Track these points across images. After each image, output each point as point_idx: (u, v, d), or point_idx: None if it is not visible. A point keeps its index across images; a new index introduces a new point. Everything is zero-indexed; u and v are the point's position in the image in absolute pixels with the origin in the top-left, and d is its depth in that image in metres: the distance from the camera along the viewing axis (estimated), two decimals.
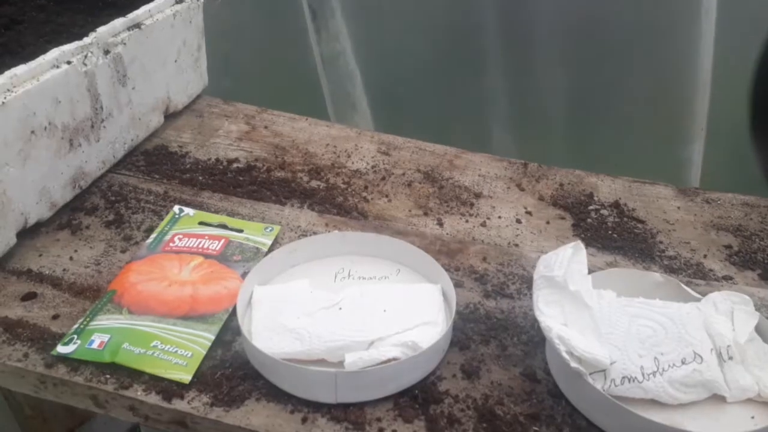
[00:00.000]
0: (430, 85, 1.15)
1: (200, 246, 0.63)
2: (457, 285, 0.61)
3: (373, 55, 1.16)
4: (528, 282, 0.62)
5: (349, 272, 0.61)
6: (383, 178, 0.80)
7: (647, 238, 0.72)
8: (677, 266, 0.67)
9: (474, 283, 0.62)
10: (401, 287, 0.56)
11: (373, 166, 0.83)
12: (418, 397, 0.49)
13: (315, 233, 0.68)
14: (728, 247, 0.72)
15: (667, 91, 1.09)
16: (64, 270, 0.60)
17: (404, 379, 0.48)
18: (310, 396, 0.48)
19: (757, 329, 0.52)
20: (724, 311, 0.52)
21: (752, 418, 0.46)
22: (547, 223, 0.74)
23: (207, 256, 0.61)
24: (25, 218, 0.61)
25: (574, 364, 0.45)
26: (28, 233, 0.63)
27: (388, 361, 0.48)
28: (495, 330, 0.56)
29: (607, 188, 0.83)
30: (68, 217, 0.67)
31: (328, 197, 0.75)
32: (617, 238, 0.72)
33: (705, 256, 0.70)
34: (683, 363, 0.46)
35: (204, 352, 0.51)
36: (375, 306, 0.53)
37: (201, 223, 0.66)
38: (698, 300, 0.54)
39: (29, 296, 0.57)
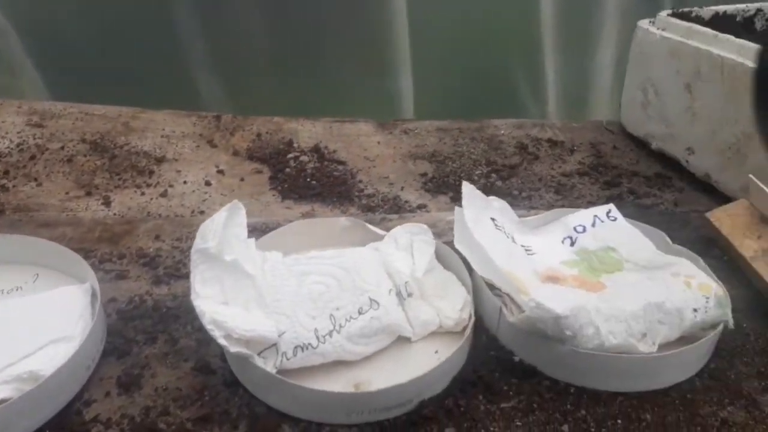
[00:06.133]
0: (110, 37, 0.97)
1: None
2: (120, 277, 0.50)
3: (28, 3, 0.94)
4: None
5: None
6: (32, 158, 0.64)
7: (347, 180, 0.69)
8: (375, 203, 0.65)
9: (142, 270, 0.51)
10: (24, 300, 0.43)
11: (18, 144, 0.66)
12: None
13: None
14: (424, 175, 0.71)
15: (368, 25, 1.07)
16: None
17: (31, 420, 0.37)
18: None
19: (438, 256, 0.50)
20: (404, 245, 0.49)
21: (436, 352, 0.44)
22: (242, 180, 0.66)
23: None
24: None
25: (234, 349, 0.38)
26: None
27: None
28: (164, 322, 0.46)
29: (307, 133, 0.77)
30: None
31: None
32: (316, 184, 0.67)
33: (402, 189, 0.68)
34: (360, 313, 0.42)
35: None
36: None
37: None
38: (382, 238, 0.51)
39: None
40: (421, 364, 0.42)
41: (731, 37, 0.67)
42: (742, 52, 0.65)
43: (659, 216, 0.65)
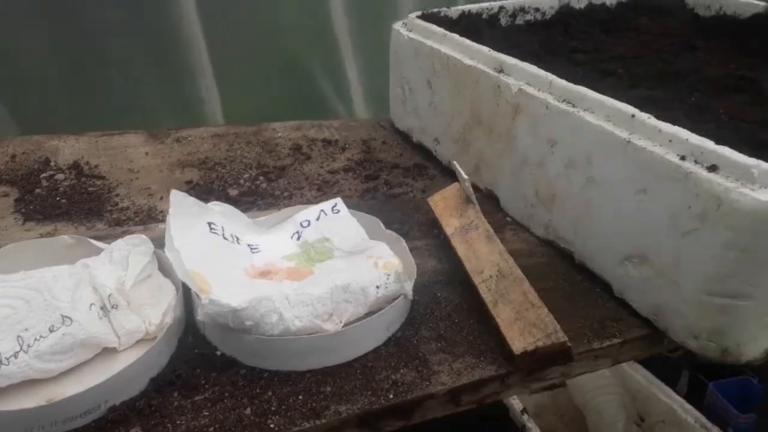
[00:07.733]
0: None
1: None
2: None
3: None
4: None
5: None
6: None
7: (102, 195, 0.69)
8: (126, 216, 0.65)
9: None
10: None
11: None
12: None
13: None
14: (189, 182, 0.73)
15: (158, 30, 1.05)
16: None
17: None
18: None
19: (161, 265, 0.53)
20: (119, 258, 0.51)
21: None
22: None
23: None
24: None
25: None
26: None
27: None
28: None
29: (69, 149, 0.76)
30: None
31: None
32: (65, 203, 0.66)
33: (162, 198, 0.69)
34: (51, 331, 0.44)
35: None
36: None
37: None
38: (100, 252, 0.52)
39: None
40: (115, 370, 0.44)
41: (456, 36, 0.74)
42: (462, 50, 0.72)
43: (401, 203, 0.71)
